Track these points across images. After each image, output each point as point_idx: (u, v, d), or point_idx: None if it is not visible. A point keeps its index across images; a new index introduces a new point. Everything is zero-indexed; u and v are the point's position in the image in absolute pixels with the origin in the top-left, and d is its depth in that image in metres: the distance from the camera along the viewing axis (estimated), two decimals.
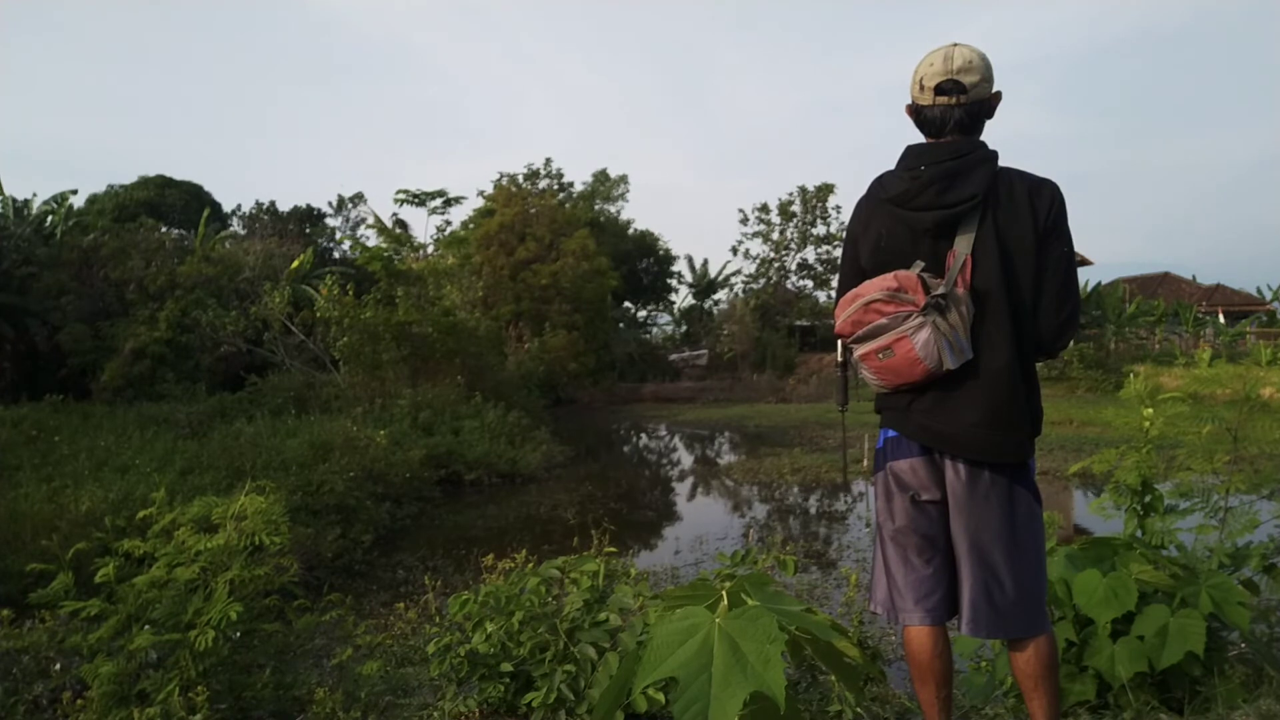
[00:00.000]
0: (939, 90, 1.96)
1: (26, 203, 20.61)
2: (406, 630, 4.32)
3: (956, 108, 1.96)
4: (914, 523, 2.03)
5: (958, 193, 1.92)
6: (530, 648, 2.84)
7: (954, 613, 2.06)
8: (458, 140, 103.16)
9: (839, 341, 2.14)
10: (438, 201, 26.81)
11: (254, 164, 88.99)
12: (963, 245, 1.93)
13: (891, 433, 2.08)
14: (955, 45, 1.97)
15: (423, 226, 49.94)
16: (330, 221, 32.61)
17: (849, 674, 1.82)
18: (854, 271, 2.11)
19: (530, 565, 3.34)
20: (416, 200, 26.38)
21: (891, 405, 2.07)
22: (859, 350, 2.01)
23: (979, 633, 1.96)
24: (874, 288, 1.96)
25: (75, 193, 21.28)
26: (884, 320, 1.93)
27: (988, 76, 1.97)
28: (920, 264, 1.95)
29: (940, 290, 1.90)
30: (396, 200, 26.51)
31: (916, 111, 2.03)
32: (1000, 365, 1.92)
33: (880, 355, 1.96)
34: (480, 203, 30.96)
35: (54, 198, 20.74)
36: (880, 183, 2.06)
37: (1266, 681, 2.78)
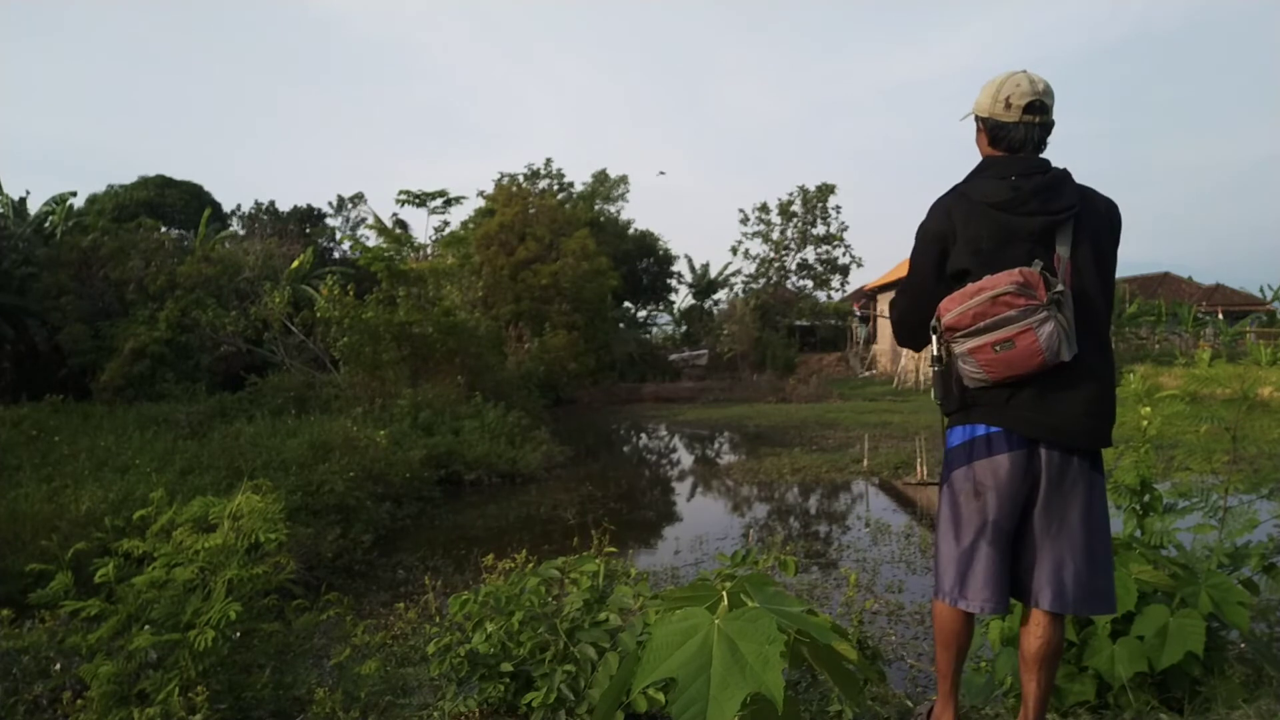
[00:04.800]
0: (1028, 109, 2.10)
1: (23, 200, 20.62)
2: (406, 630, 4.32)
3: (1038, 127, 2.13)
4: (1003, 517, 2.11)
5: (1060, 202, 2.08)
6: (530, 648, 2.84)
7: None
8: (458, 140, 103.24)
9: (935, 338, 2.16)
10: (438, 202, 26.81)
11: (254, 164, 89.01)
12: (1063, 250, 2.07)
13: (982, 429, 2.13)
14: (1025, 71, 2.15)
15: (422, 227, 50.02)
16: (330, 221, 32.69)
17: (848, 680, 1.81)
18: (935, 269, 2.18)
19: (530, 565, 3.34)
20: (417, 201, 26.38)
21: (987, 401, 2.12)
22: (971, 343, 2.05)
23: (1066, 609, 2.10)
24: (1003, 281, 2.00)
25: (75, 194, 21.33)
26: (1012, 313, 1.99)
27: (1053, 102, 2.15)
28: (1039, 263, 2.04)
29: (1059, 287, 2.02)
30: (398, 201, 26.51)
31: (999, 127, 2.15)
32: (1099, 361, 2.10)
33: (998, 348, 2.02)
34: (480, 203, 31.00)
35: (54, 198, 20.77)
36: (977, 188, 2.14)
37: (1266, 681, 2.79)
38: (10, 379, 17.52)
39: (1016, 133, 2.13)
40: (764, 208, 36.36)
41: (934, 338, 2.17)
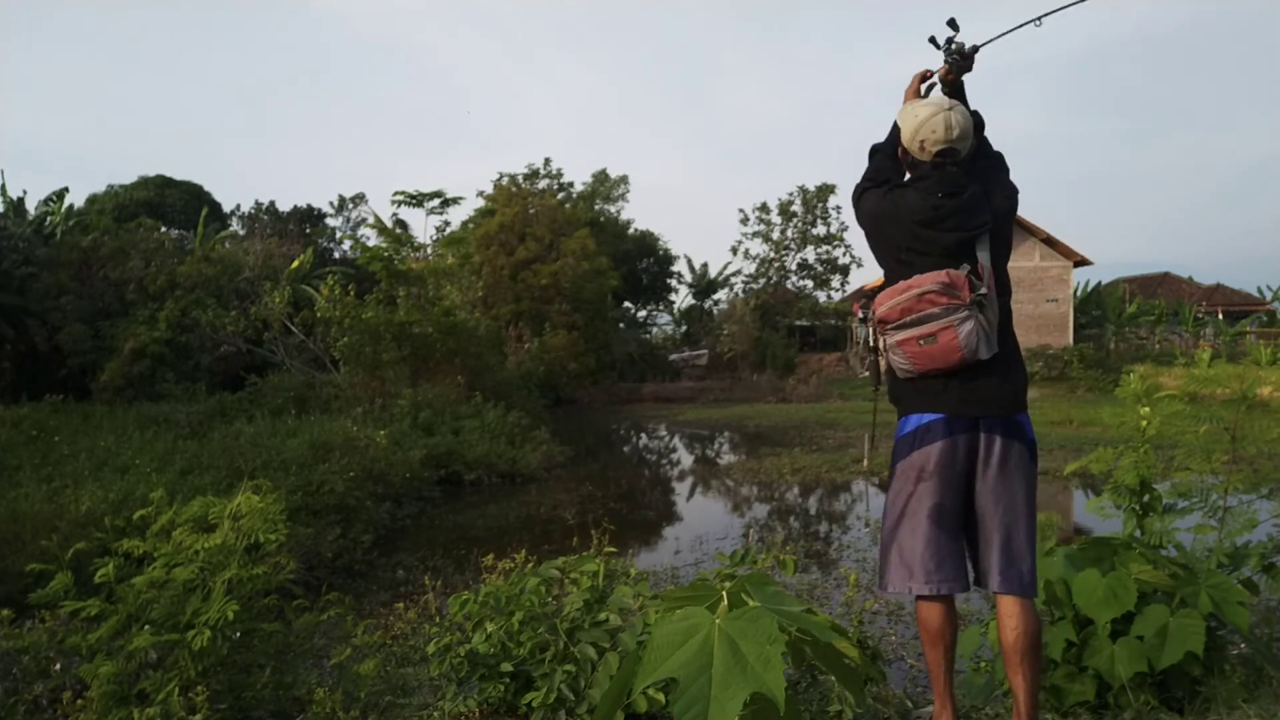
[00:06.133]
0: (940, 154, 2.27)
1: (20, 200, 20.60)
2: (406, 630, 4.32)
3: (949, 167, 2.29)
4: (948, 499, 2.22)
5: (975, 220, 2.24)
6: (530, 648, 2.84)
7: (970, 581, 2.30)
8: (458, 140, 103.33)
9: (870, 327, 2.34)
10: (435, 202, 26.76)
11: (254, 164, 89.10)
12: (984, 258, 2.23)
13: (924, 416, 2.26)
14: (949, 110, 2.26)
15: (422, 227, 50.02)
16: (330, 221, 32.64)
17: (849, 676, 1.82)
18: (892, 241, 2.31)
19: (530, 565, 3.33)
20: (414, 201, 26.33)
21: (924, 390, 2.27)
22: (898, 336, 2.21)
23: (1012, 589, 2.19)
24: (929, 280, 2.16)
25: (68, 190, 21.32)
26: (935, 310, 2.14)
27: (970, 135, 2.31)
28: (966, 266, 2.18)
29: (983, 290, 2.16)
30: (394, 202, 26.42)
31: (914, 164, 2.34)
32: (1012, 349, 2.30)
33: (921, 341, 2.17)
34: (480, 203, 30.96)
35: (52, 195, 20.78)
36: (902, 197, 2.29)
37: (1266, 682, 2.79)
38: (10, 379, 17.50)
39: (925, 170, 2.31)
40: (764, 208, 36.31)
41: (870, 329, 2.33)
